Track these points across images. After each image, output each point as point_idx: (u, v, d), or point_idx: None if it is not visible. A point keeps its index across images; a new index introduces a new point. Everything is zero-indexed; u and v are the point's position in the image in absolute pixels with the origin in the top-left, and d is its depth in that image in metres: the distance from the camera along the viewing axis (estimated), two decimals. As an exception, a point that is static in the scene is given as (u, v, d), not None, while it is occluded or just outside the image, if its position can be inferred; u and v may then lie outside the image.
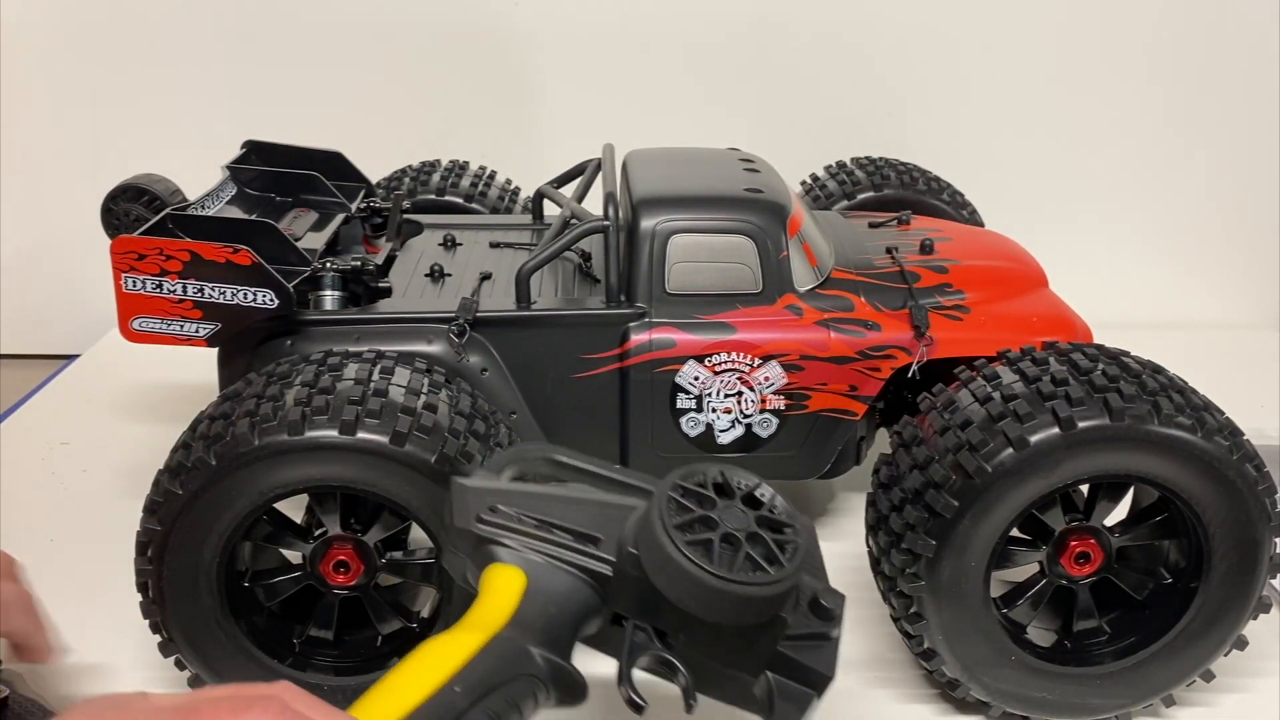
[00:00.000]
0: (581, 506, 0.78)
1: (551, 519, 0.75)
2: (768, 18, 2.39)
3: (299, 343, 1.44)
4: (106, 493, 1.78)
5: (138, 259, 1.37)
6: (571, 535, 0.74)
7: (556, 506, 0.77)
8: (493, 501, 0.76)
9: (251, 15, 2.39)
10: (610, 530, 0.75)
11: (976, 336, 1.51)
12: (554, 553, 0.74)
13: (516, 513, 0.75)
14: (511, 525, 0.74)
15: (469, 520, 0.75)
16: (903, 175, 2.02)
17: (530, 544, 0.74)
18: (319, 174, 1.76)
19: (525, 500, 0.77)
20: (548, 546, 0.74)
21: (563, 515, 0.75)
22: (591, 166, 1.79)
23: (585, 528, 0.75)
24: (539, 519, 0.75)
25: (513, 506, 0.76)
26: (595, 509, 0.77)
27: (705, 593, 0.69)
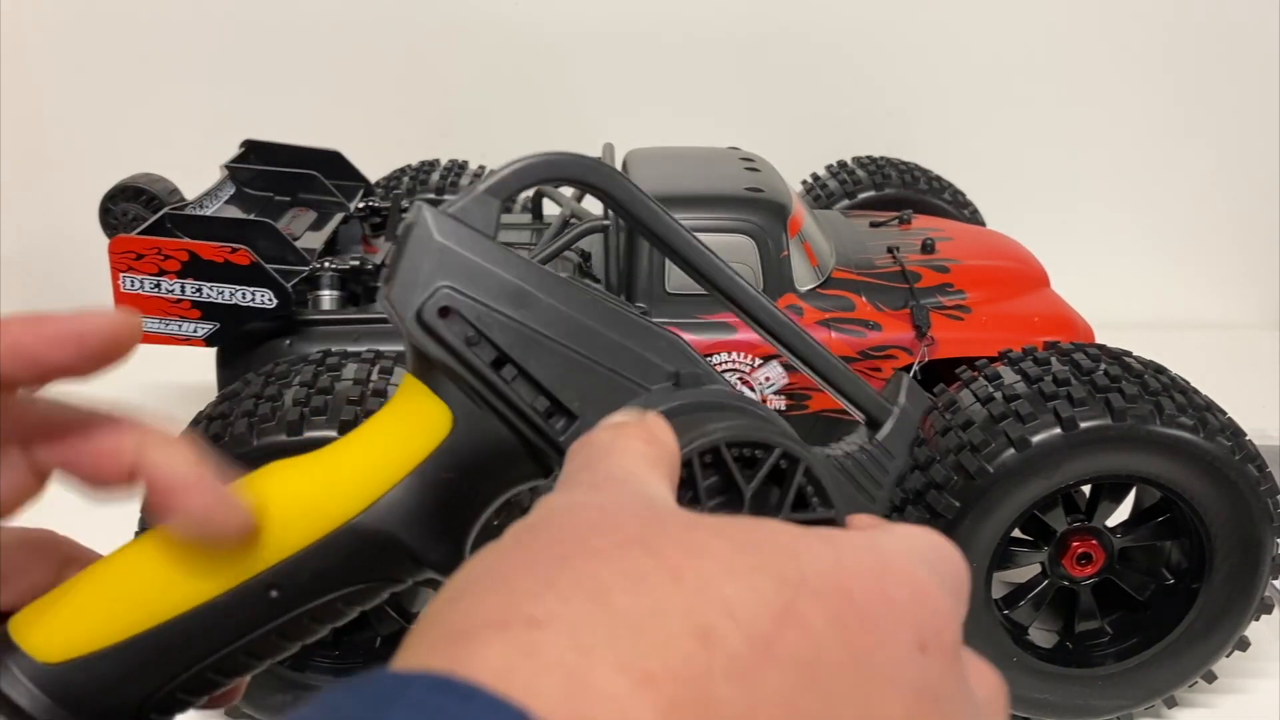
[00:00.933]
0: (573, 357, 0.48)
1: (517, 355, 0.47)
2: (768, 17, 2.38)
3: (298, 342, 1.44)
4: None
5: (136, 259, 1.37)
6: (543, 396, 0.48)
7: (543, 343, 0.47)
8: (455, 298, 0.47)
9: (251, 15, 2.39)
10: (598, 410, 0.47)
11: (978, 336, 1.51)
12: (508, 415, 0.48)
13: (475, 327, 0.47)
14: (457, 350, 0.47)
15: (407, 307, 0.48)
16: (904, 174, 2.01)
17: (476, 384, 0.47)
18: (318, 173, 1.76)
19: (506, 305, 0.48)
20: (498, 400, 0.47)
21: (545, 364, 0.47)
22: (591, 166, 1.78)
23: (568, 394, 0.47)
24: (501, 350, 0.47)
25: (481, 314, 0.47)
26: (589, 371, 0.48)
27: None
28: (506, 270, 0.48)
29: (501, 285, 0.48)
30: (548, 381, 0.48)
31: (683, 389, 0.49)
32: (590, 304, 0.49)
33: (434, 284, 0.47)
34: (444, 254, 0.48)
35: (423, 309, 0.48)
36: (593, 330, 0.49)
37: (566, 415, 0.48)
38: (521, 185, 0.53)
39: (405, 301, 0.48)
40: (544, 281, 0.49)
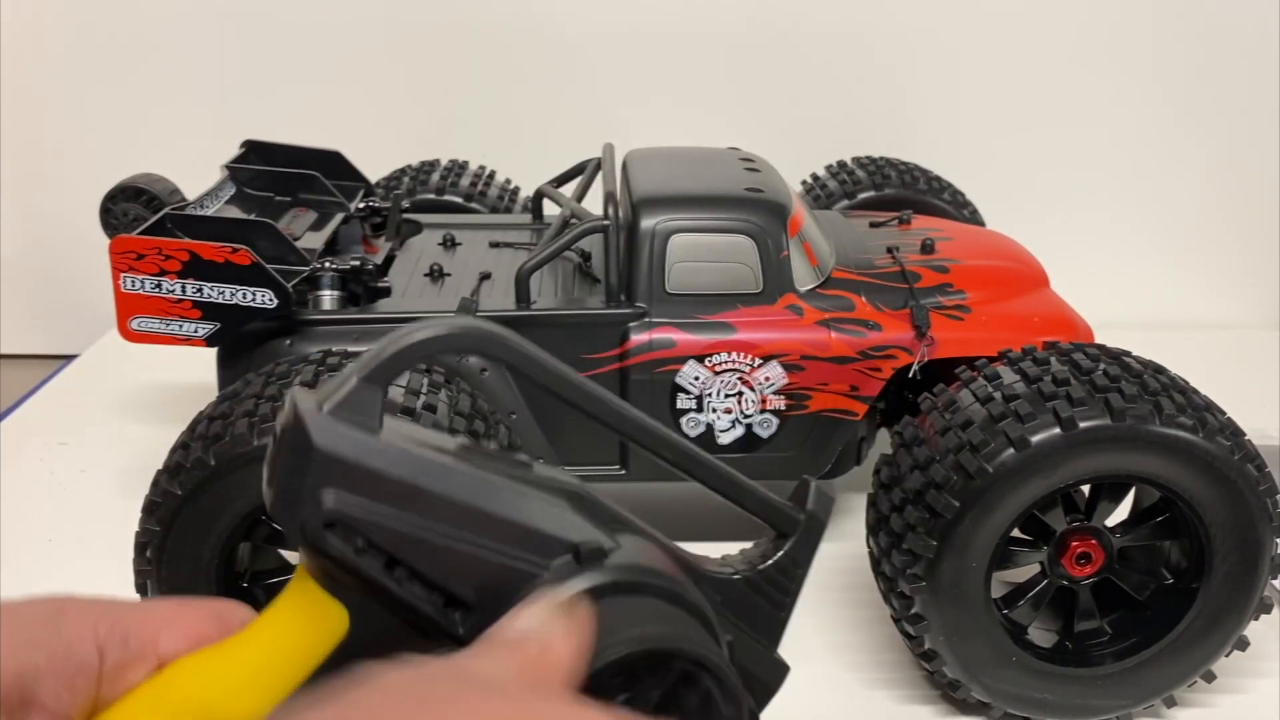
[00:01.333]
0: (465, 549, 0.47)
1: (407, 557, 0.46)
2: (768, 17, 2.39)
3: (298, 342, 1.44)
4: (105, 493, 1.77)
5: (136, 259, 1.37)
6: (438, 592, 0.47)
7: (433, 540, 0.46)
8: (339, 509, 0.45)
9: (251, 15, 2.39)
10: (500, 597, 0.47)
11: (978, 336, 1.51)
12: (401, 611, 0.47)
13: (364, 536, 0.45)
14: (347, 560, 0.45)
15: (290, 518, 0.45)
16: (904, 175, 2.02)
17: (368, 589, 0.46)
18: (318, 173, 1.76)
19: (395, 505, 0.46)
20: (398, 606, 0.47)
21: (437, 560, 0.46)
22: (591, 166, 1.79)
23: (460, 586, 0.47)
24: (397, 555, 0.46)
25: (368, 520, 0.45)
26: (481, 561, 0.47)
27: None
28: (391, 468, 0.46)
29: (386, 485, 0.46)
30: (441, 578, 0.46)
31: (585, 565, 0.48)
32: (481, 483, 0.48)
33: (315, 495, 0.44)
34: (323, 461, 0.44)
35: (306, 523, 0.45)
36: (483, 513, 0.47)
37: (463, 607, 0.47)
38: (404, 368, 0.49)
39: (288, 515, 0.45)
40: (430, 471, 0.47)
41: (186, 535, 1.19)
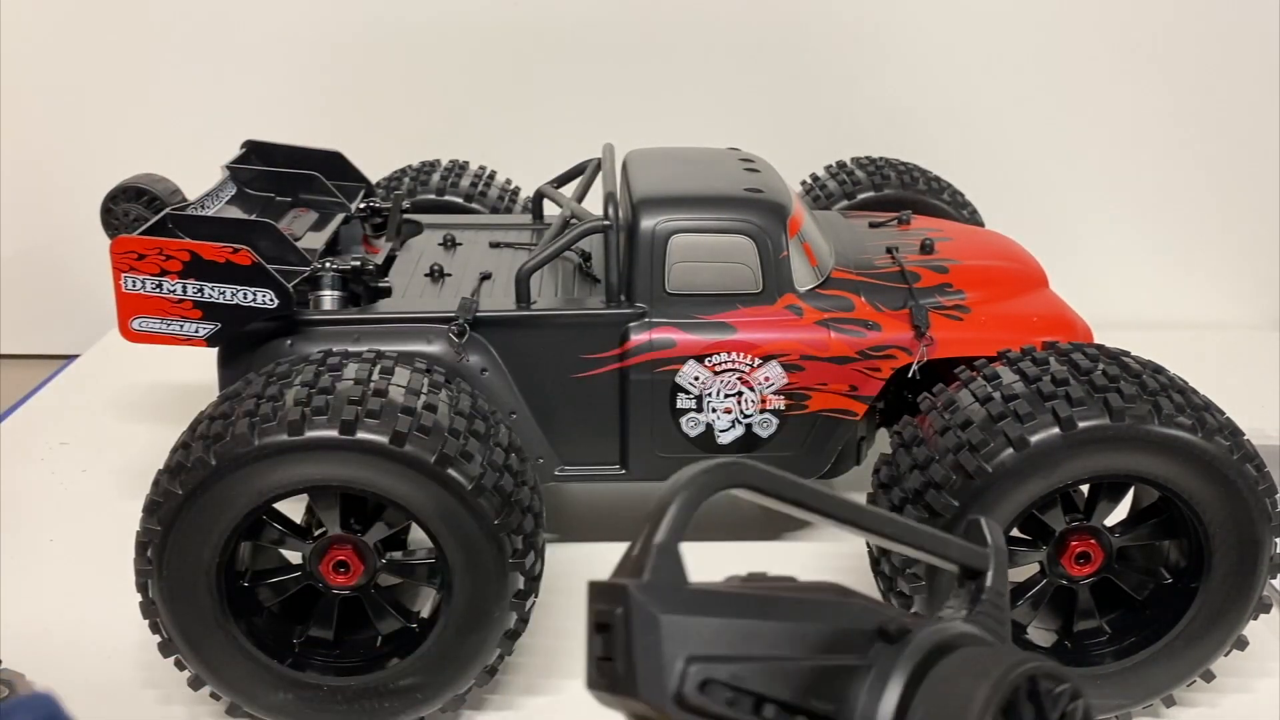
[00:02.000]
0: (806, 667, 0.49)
1: (772, 692, 0.47)
2: (768, 18, 2.39)
3: (299, 343, 1.44)
4: (106, 493, 1.78)
5: (137, 259, 1.37)
6: (801, 716, 0.49)
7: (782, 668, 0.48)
8: (705, 669, 0.46)
9: (251, 16, 2.39)
10: (845, 699, 0.49)
11: (977, 336, 1.51)
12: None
13: (732, 687, 0.47)
14: (727, 716, 0.46)
15: (663, 696, 0.45)
16: (903, 175, 2.02)
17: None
18: (319, 174, 1.76)
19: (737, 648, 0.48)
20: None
21: (784, 681, 0.48)
22: (591, 166, 1.79)
23: (819, 703, 0.49)
24: (757, 694, 0.47)
25: (725, 670, 0.47)
26: (822, 673, 0.49)
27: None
28: (725, 613, 0.48)
29: (728, 630, 0.47)
30: (801, 700, 0.48)
31: (899, 643, 0.50)
32: (790, 607, 0.50)
33: (678, 662, 0.46)
34: (671, 627, 0.46)
35: (681, 692, 0.45)
36: (803, 629, 0.49)
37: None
38: (688, 519, 0.50)
39: (658, 690, 0.45)
40: (751, 605, 0.49)
41: (187, 535, 1.19)
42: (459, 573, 1.22)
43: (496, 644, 1.25)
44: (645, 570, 0.47)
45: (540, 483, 1.39)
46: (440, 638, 1.24)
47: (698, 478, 0.50)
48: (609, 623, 0.46)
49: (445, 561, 1.22)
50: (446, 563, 1.22)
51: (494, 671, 1.28)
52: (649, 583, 0.46)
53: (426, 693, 1.26)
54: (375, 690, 1.26)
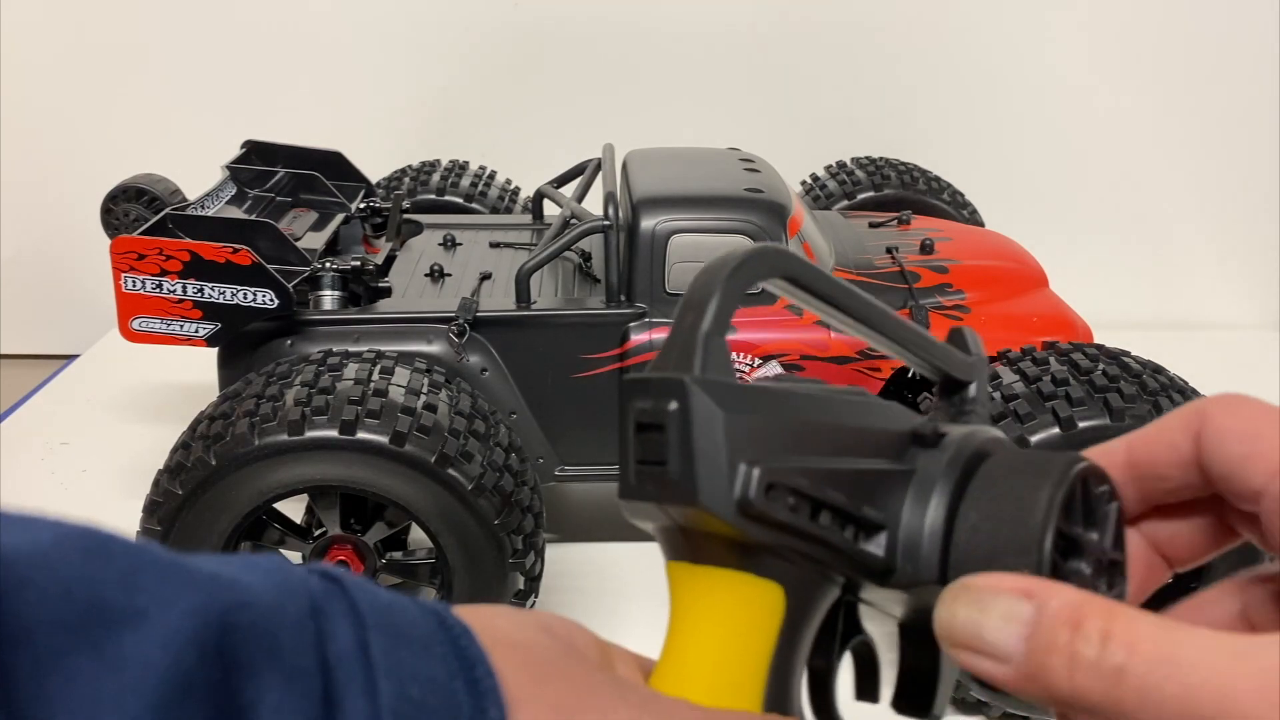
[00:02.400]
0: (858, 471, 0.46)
1: (829, 497, 0.44)
2: (768, 18, 2.39)
3: (299, 343, 1.44)
4: (106, 493, 1.78)
5: (137, 259, 1.37)
6: (851, 524, 0.45)
7: (836, 472, 0.45)
8: (770, 472, 0.42)
9: (252, 15, 2.39)
10: (890, 507, 0.46)
11: (977, 336, 1.51)
12: (827, 558, 0.45)
13: (794, 491, 0.43)
14: (791, 523, 0.43)
15: (727, 503, 0.41)
16: (903, 175, 2.02)
17: (803, 547, 0.44)
18: (319, 174, 1.76)
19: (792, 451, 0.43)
20: (824, 551, 0.44)
21: (840, 486, 0.44)
22: (591, 166, 1.79)
23: (871, 510, 0.45)
24: (815, 499, 0.43)
25: (787, 473, 0.42)
26: (872, 478, 0.46)
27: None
28: (778, 412, 0.44)
29: (782, 431, 0.43)
30: (854, 508, 0.44)
31: (937, 447, 0.47)
32: (834, 403, 0.47)
33: (740, 464, 0.41)
34: (733, 426, 0.41)
35: (747, 497, 0.41)
36: (854, 430, 0.46)
37: (872, 530, 0.45)
38: (733, 310, 0.45)
39: (721, 496, 0.41)
40: (801, 402, 0.45)
41: (188, 535, 1.19)
42: (459, 573, 1.22)
43: (497, 644, 1.25)
44: (695, 363, 0.42)
45: (540, 483, 1.39)
46: (440, 638, 1.24)
47: (742, 263, 0.45)
48: (659, 421, 0.41)
49: (445, 561, 1.22)
50: (446, 563, 1.22)
51: (494, 671, 1.28)
52: (703, 376, 0.42)
53: (427, 693, 1.26)
54: (375, 690, 1.26)
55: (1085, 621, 0.37)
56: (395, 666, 0.33)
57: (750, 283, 0.46)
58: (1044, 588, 0.39)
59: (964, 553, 0.44)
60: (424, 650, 0.34)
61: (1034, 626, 0.38)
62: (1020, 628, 0.38)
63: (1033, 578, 0.40)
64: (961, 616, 0.40)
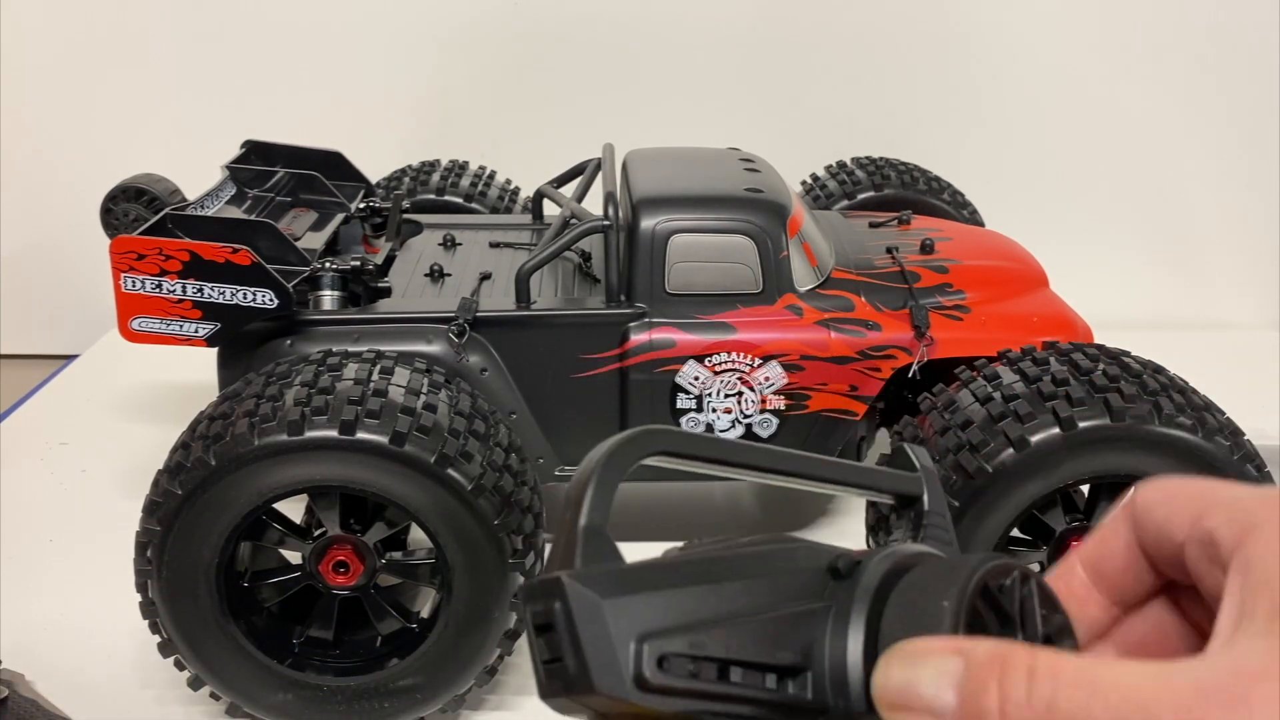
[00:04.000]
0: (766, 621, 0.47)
1: (734, 653, 0.45)
2: (768, 18, 2.39)
3: (298, 343, 1.44)
4: (106, 493, 1.78)
5: (137, 259, 1.37)
6: (769, 673, 0.46)
7: (742, 626, 0.46)
8: (659, 644, 0.44)
9: (252, 16, 2.39)
10: (810, 646, 0.47)
11: (977, 336, 1.51)
12: (752, 712, 0.45)
13: (691, 657, 0.44)
14: (694, 688, 0.44)
15: (621, 683, 0.43)
16: (903, 175, 2.02)
17: (718, 708, 0.45)
18: (319, 174, 1.76)
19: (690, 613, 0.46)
20: (744, 706, 0.45)
21: (744, 640, 0.46)
22: (591, 166, 1.79)
23: (784, 654, 0.46)
24: (719, 659, 0.45)
25: (679, 641, 0.44)
26: (783, 623, 0.47)
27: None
28: (666, 584, 0.45)
29: (674, 601, 0.45)
30: (766, 656, 0.45)
31: (851, 577, 0.48)
32: (734, 563, 0.48)
33: (629, 643, 0.43)
34: (614, 610, 0.43)
35: (640, 673, 0.43)
36: (754, 585, 0.47)
37: (793, 673, 0.46)
38: (610, 496, 0.47)
39: (615, 679, 0.43)
40: (691, 570, 0.47)
41: (187, 535, 1.19)
42: (459, 573, 1.22)
43: (496, 644, 1.25)
44: (575, 558, 0.45)
45: (540, 483, 1.39)
46: (440, 638, 1.24)
47: (611, 451, 0.48)
48: (550, 622, 0.44)
49: (445, 562, 1.22)
50: (446, 563, 1.22)
51: (494, 671, 1.28)
52: (582, 570, 0.44)
53: (426, 693, 1.26)
54: (375, 690, 1.26)
55: (1011, 664, 0.39)
56: None
57: (626, 468, 0.48)
58: (969, 643, 0.40)
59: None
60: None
61: (964, 677, 0.39)
62: (952, 679, 0.39)
63: (958, 637, 0.42)
64: (896, 678, 0.41)
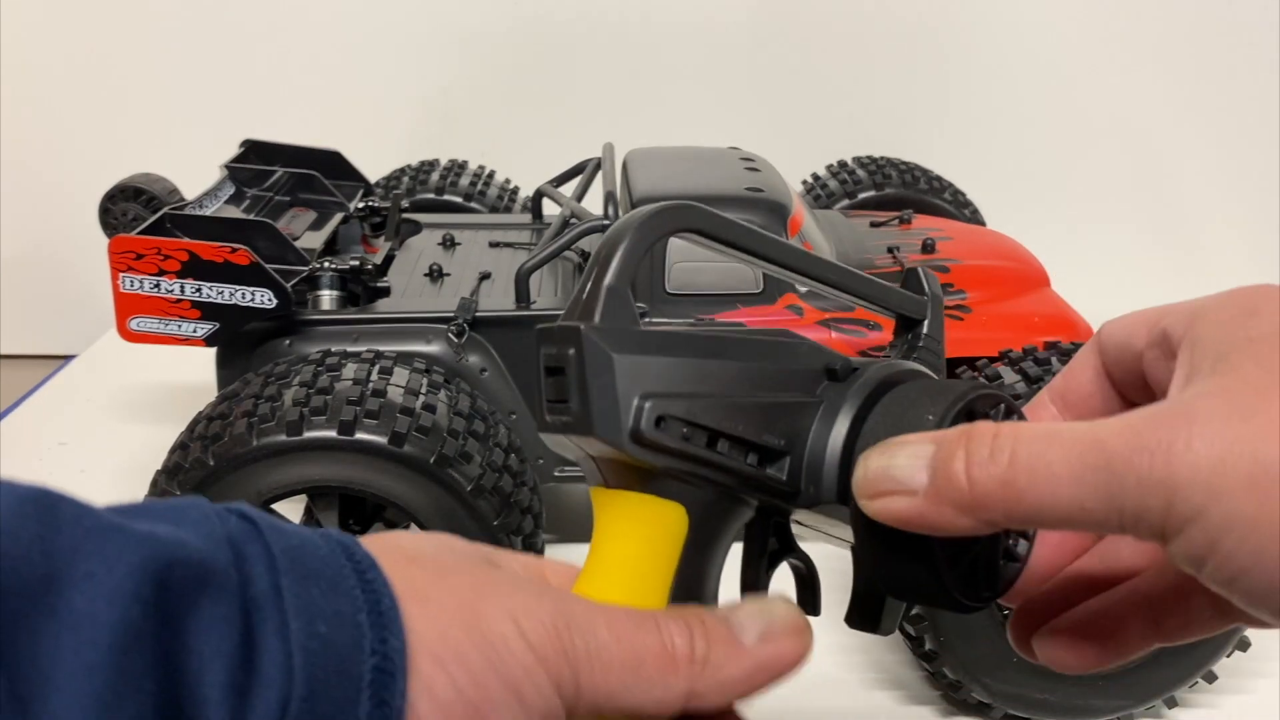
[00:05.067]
0: (759, 403, 0.49)
1: (725, 427, 0.48)
2: (768, 16, 2.38)
3: (297, 343, 1.44)
4: (104, 494, 1.75)
5: (135, 258, 1.37)
6: (753, 452, 0.49)
7: (736, 404, 0.49)
8: (660, 404, 0.46)
9: (250, 14, 2.39)
10: (796, 434, 0.50)
11: (978, 336, 1.51)
12: (728, 481, 0.49)
13: (686, 421, 0.47)
14: (683, 450, 0.47)
15: (619, 433, 0.46)
16: (904, 174, 2.01)
17: (700, 471, 0.48)
18: (317, 173, 1.76)
19: (692, 383, 0.48)
20: (723, 475, 0.49)
21: (737, 417, 0.48)
22: (591, 165, 1.78)
23: (770, 437, 0.49)
24: (711, 429, 0.48)
25: (677, 405, 0.47)
26: (774, 409, 0.49)
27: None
28: (677, 352, 0.48)
29: (680, 369, 0.48)
30: (753, 435, 0.49)
31: (846, 380, 0.51)
32: (741, 345, 0.50)
33: (633, 399, 0.46)
34: (624, 366, 0.46)
35: (638, 428, 0.46)
36: (756, 369, 0.50)
37: (775, 456, 0.50)
38: (637, 263, 0.50)
39: (614, 427, 0.46)
40: (701, 344, 0.49)
41: (185, 536, 1.19)
42: (458, 574, 1.22)
43: (496, 645, 1.25)
44: (596, 312, 0.47)
45: (540, 483, 1.39)
46: (439, 639, 1.23)
47: (646, 219, 0.50)
48: (561, 365, 0.47)
49: (444, 562, 1.22)
50: (446, 564, 1.21)
51: (493, 673, 1.28)
52: (601, 324, 0.47)
53: (425, 694, 1.26)
54: (374, 692, 1.25)
55: (976, 432, 0.41)
56: (305, 606, 0.37)
57: (658, 237, 0.51)
58: (943, 433, 0.43)
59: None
60: (331, 587, 0.38)
61: (934, 454, 0.42)
62: (924, 461, 0.42)
63: (934, 432, 0.44)
64: (873, 465, 0.44)
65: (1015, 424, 0.42)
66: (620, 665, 0.42)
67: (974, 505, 0.40)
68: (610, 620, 0.43)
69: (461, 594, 0.41)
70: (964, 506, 0.41)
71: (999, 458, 0.40)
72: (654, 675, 0.42)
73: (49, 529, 0.33)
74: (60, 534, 0.34)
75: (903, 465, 0.43)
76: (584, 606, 0.43)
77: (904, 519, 0.43)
